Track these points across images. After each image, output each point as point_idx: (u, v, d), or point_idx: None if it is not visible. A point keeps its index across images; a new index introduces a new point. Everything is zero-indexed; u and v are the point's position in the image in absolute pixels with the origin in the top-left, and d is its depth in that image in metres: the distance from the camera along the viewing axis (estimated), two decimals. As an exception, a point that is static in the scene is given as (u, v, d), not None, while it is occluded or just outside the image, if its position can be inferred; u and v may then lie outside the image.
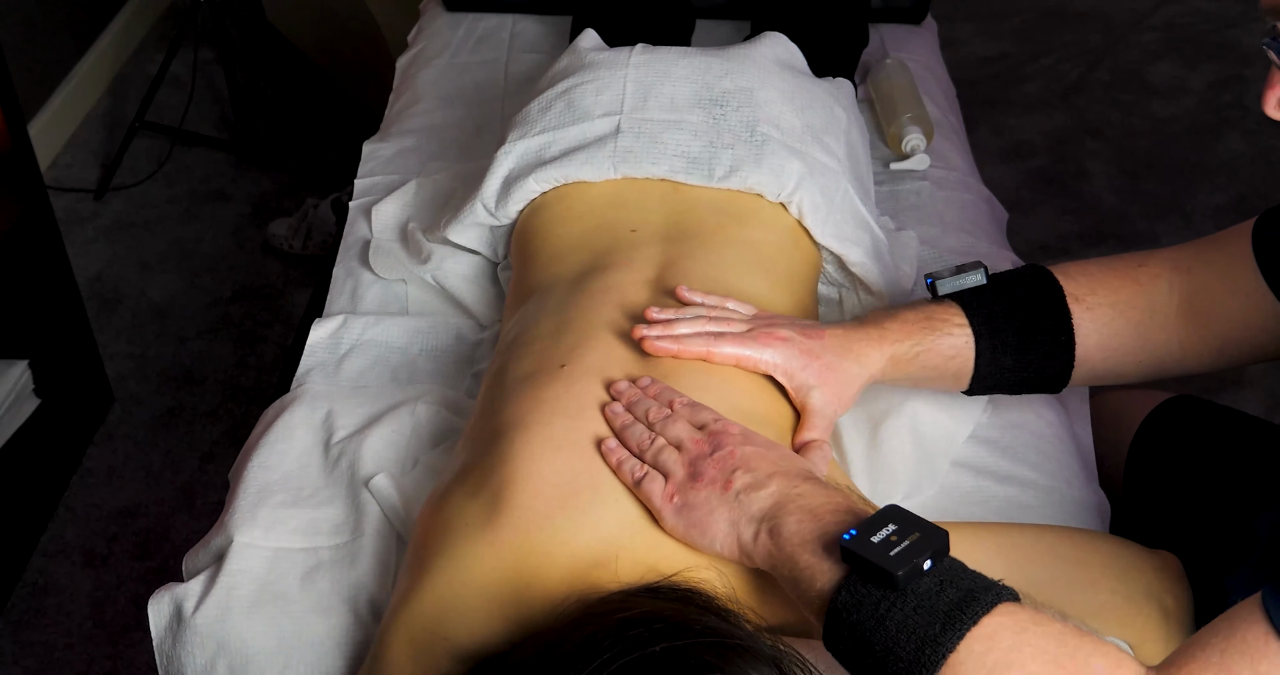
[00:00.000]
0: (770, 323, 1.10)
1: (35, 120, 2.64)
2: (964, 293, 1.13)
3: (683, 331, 1.07)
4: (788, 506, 0.88)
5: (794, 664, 0.80)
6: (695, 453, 0.95)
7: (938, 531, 0.83)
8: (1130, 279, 1.13)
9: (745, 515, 0.90)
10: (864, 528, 0.82)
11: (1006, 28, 3.14)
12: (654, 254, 1.21)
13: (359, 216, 1.54)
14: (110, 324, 2.37)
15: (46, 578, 1.93)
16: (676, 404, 1.00)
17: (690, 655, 0.76)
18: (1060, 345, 1.11)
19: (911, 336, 1.10)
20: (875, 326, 1.11)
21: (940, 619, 0.78)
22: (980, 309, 1.11)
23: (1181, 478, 1.27)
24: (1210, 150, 2.76)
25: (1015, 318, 1.11)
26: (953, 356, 1.10)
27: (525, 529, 0.93)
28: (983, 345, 1.10)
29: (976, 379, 1.12)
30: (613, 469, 0.96)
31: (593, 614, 0.81)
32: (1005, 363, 1.11)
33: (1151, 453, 1.31)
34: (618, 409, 1.00)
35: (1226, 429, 1.29)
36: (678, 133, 1.30)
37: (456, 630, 0.90)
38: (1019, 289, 1.12)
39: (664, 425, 0.97)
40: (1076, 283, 1.12)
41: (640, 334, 1.06)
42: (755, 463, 0.93)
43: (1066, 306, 1.11)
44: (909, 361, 1.10)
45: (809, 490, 0.90)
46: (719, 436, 0.95)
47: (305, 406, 1.24)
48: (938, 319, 1.11)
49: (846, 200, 1.32)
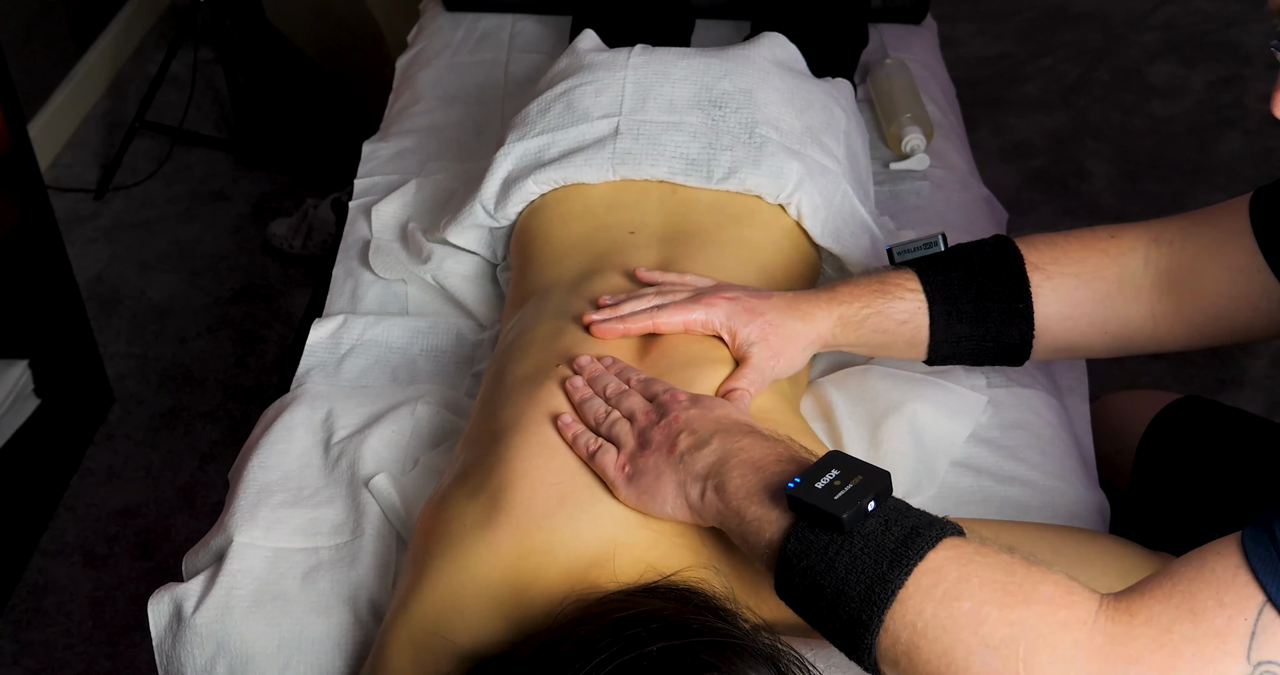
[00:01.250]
0: (717, 286, 1.12)
1: (35, 120, 2.64)
2: (921, 260, 1.12)
3: (628, 309, 1.08)
4: (730, 462, 0.89)
5: (792, 662, 0.80)
6: (644, 422, 0.96)
7: (880, 473, 0.83)
8: (1098, 249, 1.12)
9: (690, 475, 0.90)
10: (807, 475, 0.83)
11: (1006, 28, 3.14)
12: (653, 256, 1.21)
13: (359, 216, 1.54)
14: (110, 324, 2.37)
15: (46, 578, 1.93)
16: (633, 380, 1.01)
17: (688, 654, 0.76)
18: (1017, 313, 1.10)
19: (860, 298, 1.10)
20: (826, 289, 1.12)
21: (887, 557, 0.79)
22: (935, 276, 1.11)
23: (1191, 480, 1.26)
24: (1210, 150, 2.76)
25: (971, 284, 1.10)
26: (905, 321, 1.10)
27: (524, 529, 0.93)
28: (936, 310, 1.10)
29: (933, 347, 1.12)
30: (568, 443, 0.98)
31: (590, 614, 0.81)
32: (961, 330, 1.10)
33: (1160, 455, 1.30)
34: (578, 383, 1.02)
35: (1235, 431, 1.28)
36: (676, 134, 1.30)
37: (456, 631, 0.90)
38: (977, 257, 1.12)
39: (619, 399, 0.99)
40: (1039, 252, 1.11)
41: (588, 318, 1.08)
42: (697, 423, 0.93)
43: (1025, 273, 1.10)
44: (859, 324, 1.10)
45: (750, 443, 0.90)
46: (666, 405, 0.97)
47: (305, 406, 1.24)
48: (890, 283, 1.11)
49: (846, 201, 1.32)
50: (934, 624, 0.77)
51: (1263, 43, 3.06)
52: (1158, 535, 1.25)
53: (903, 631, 0.78)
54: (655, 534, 0.94)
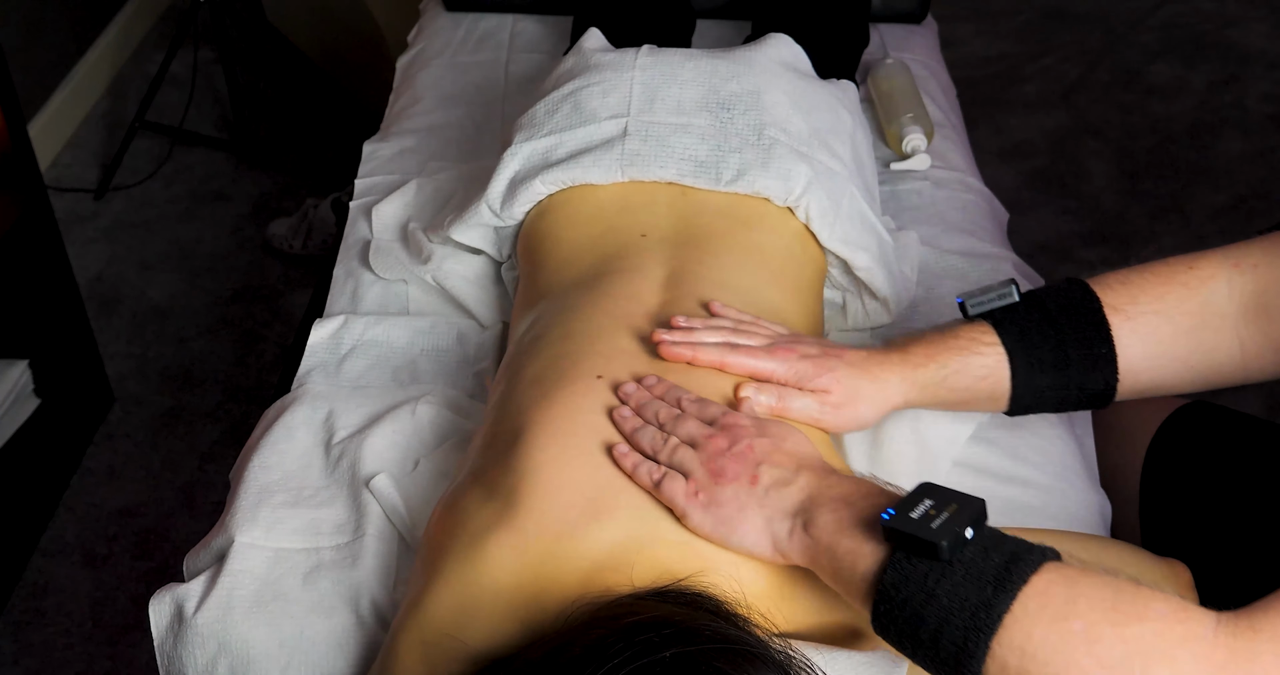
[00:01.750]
0: (794, 339, 1.08)
1: (35, 120, 2.64)
2: (995, 311, 1.09)
3: (702, 338, 1.05)
4: (819, 499, 0.88)
5: (803, 669, 0.80)
6: (712, 449, 0.94)
7: (974, 501, 0.82)
8: (1177, 283, 1.07)
9: (778, 511, 0.89)
10: (901, 505, 0.82)
11: (1006, 28, 3.14)
12: (665, 258, 1.20)
13: (359, 216, 1.54)
14: (110, 324, 2.37)
15: (46, 578, 1.93)
16: (684, 402, 0.99)
17: (700, 661, 0.75)
18: (1100, 358, 1.06)
19: (936, 358, 1.07)
20: (898, 350, 1.08)
21: (990, 582, 0.77)
22: (1011, 326, 1.06)
23: (1202, 485, 1.26)
24: (1210, 150, 2.76)
25: (1049, 333, 1.06)
26: (984, 377, 1.07)
27: (549, 535, 0.92)
28: (1017, 363, 1.06)
29: (1014, 399, 1.08)
30: (628, 474, 0.95)
31: (601, 618, 0.81)
32: (1043, 381, 1.06)
33: (1169, 461, 1.29)
34: (626, 413, 0.99)
35: (1244, 435, 1.27)
36: (685, 136, 1.30)
37: (470, 632, 0.90)
38: (1052, 303, 1.07)
39: (675, 425, 0.97)
40: (1115, 292, 1.07)
41: (658, 337, 1.05)
42: (776, 456, 0.92)
43: (1104, 317, 1.05)
44: (937, 385, 1.07)
45: (837, 481, 0.89)
46: (733, 430, 0.95)
47: (306, 406, 1.24)
48: (965, 338, 1.07)
49: (853, 204, 1.32)
50: (1044, 646, 0.75)
51: (1263, 43, 3.06)
52: (1169, 543, 1.24)
53: (1011, 656, 0.76)
54: (676, 539, 0.93)
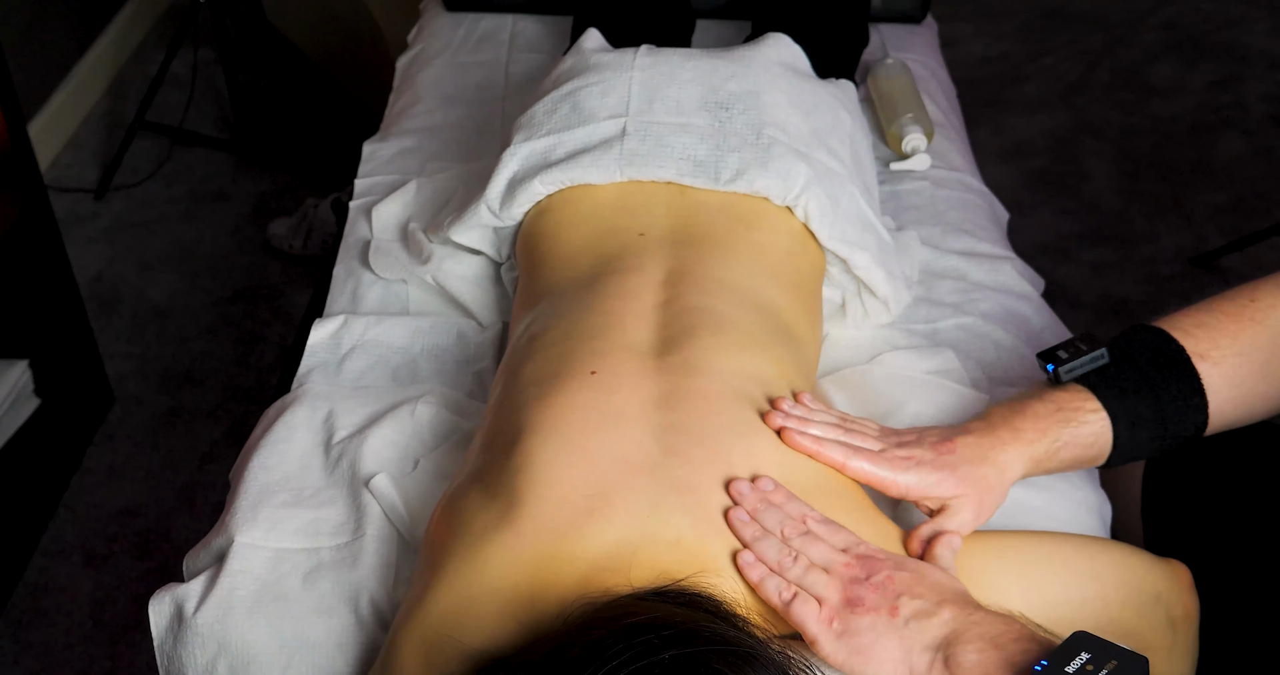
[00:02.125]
0: (901, 441, 1.07)
1: (35, 120, 2.64)
2: (1089, 374, 1.08)
3: (817, 434, 1.04)
4: (965, 635, 0.86)
5: (801, 671, 0.80)
6: (848, 576, 0.91)
7: (1136, 658, 0.79)
8: (1247, 319, 1.08)
9: (919, 644, 0.87)
10: (1055, 657, 0.79)
11: (1006, 28, 3.14)
12: (663, 258, 1.20)
13: (359, 216, 1.54)
14: (110, 324, 2.37)
15: (46, 578, 1.93)
16: (810, 521, 0.96)
17: (700, 662, 0.75)
18: (1194, 407, 1.07)
19: (1048, 433, 1.05)
20: (1007, 428, 1.06)
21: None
22: (1109, 389, 1.06)
23: (1206, 487, 1.26)
24: (1210, 150, 2.76)
25: (1146, 392, 1.06)
26: (1091, 444, 1.06)
27: (549, 536, 0.92)
28: (1120, 426, 1.06)
29: (1114, 458, 1.08)
30: (752, 586, 0.93)
31: (601, 618, 0.81)
32: (1142, 436, 1.07)
33: (1172, 462, 1.29)
34: (743, 517, 0.95)
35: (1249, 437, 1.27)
36: (684, 136, 1.30)
37: (470, 632, 0.89)
38: (1142, 358, 1.08)
39: (803, 544, 0.94)
40: (1196, 339, 1.08)
41: (778, 424, 1.02)
42: (918, 588, 0.90)
43: (1194, 368, 1.07)
44: (1050, 458, 1.06)
45: (984, 618, 0.87)
46: (870, 561, 0.93)
47: (306, 407, 1.24)
48: (1069, 408, 1.06)
49: (852, 203, 1.32)
50: None
51: (1263, 43, 3.06)
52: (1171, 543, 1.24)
53: None
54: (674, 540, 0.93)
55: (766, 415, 1.03)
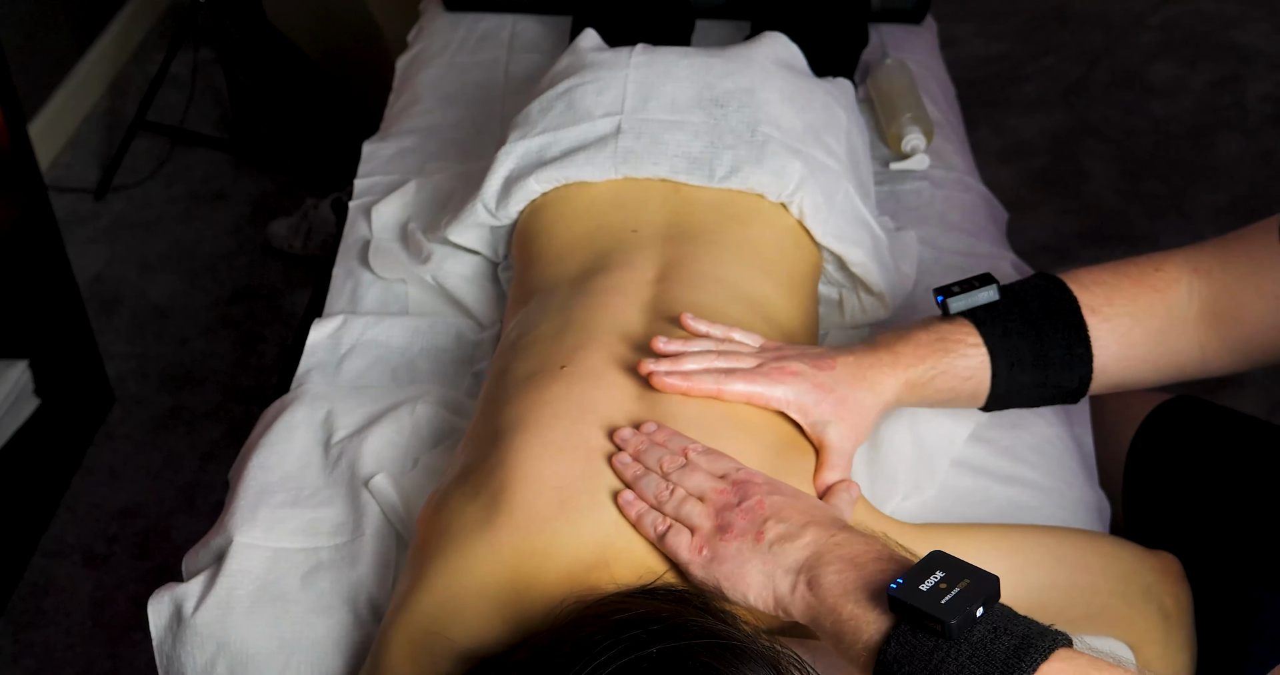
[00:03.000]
0: (780, 355, 1.07)
1: (35, 120, 2.64)
2: (976, 309, 1.09)
3: (690, 367, 1.04)
4: (826, 557, 0.86)
5: (791, 664, 0.80)
6: (720, 503, 0.92)
7: (988, 577, 0.80)
8: (1147, 285, 1.09)
9: (781, 567, 0.87)
10: (911, 575, 0.80)
11: (1006, 28, 3.14)
12: (656, 254, 1.21)
13: (359, 216, 1.54)
14: (110, 324, 2.37)
15: (46, 578, 1.93)
16: (691, 453, 0.97)
17: (688, 656, 0.75)
18: (1077, 358, 1.07)
19: (926, 360, 1.06)
20: (887, 351, 1.07)
21: (998, 667, 0.76)
22: (994, 326, 1.07)
23: (1185, 478, 1.27)
24: (1210, 150, 2.76)
25: (1030, 333, 1.07)
26: (969, 377, 1.07)
27: (524, 531, 0.93)
28: (999, 364, 1.06)
29: (993, 397, 1.09)
30: (632, 523, 0.93)
31: (590, 615, 0.81)
32: (1022, 380, 1.07)
33: (1152, 454, 1.30)
34: (626, 460, 0.97)
35: (1227, 430, 1.28)
36: (679, 133, 1.30)
37: (456, 631, 0.90)
38: (1033, 303, 1.08)
39: (681, 476, 0.95)
40: (1091, 293, 1.09)
41: (648, 370, 1.03)
42: (786, 512, 0.90)
43: (1083, 319, 1.07)
44: (924, 385, 1.07)
45: (846, 539, 0.87)
46: (744, 486, 0.93)
47: (305, 406, 1.24)
48: (951, 340, 1.07)
49: (847, 201, 1.32)
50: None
51: (1263, 43, 3.06)
52: (1152, 533, 1.25)
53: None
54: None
55: (640, 362, 1.04)
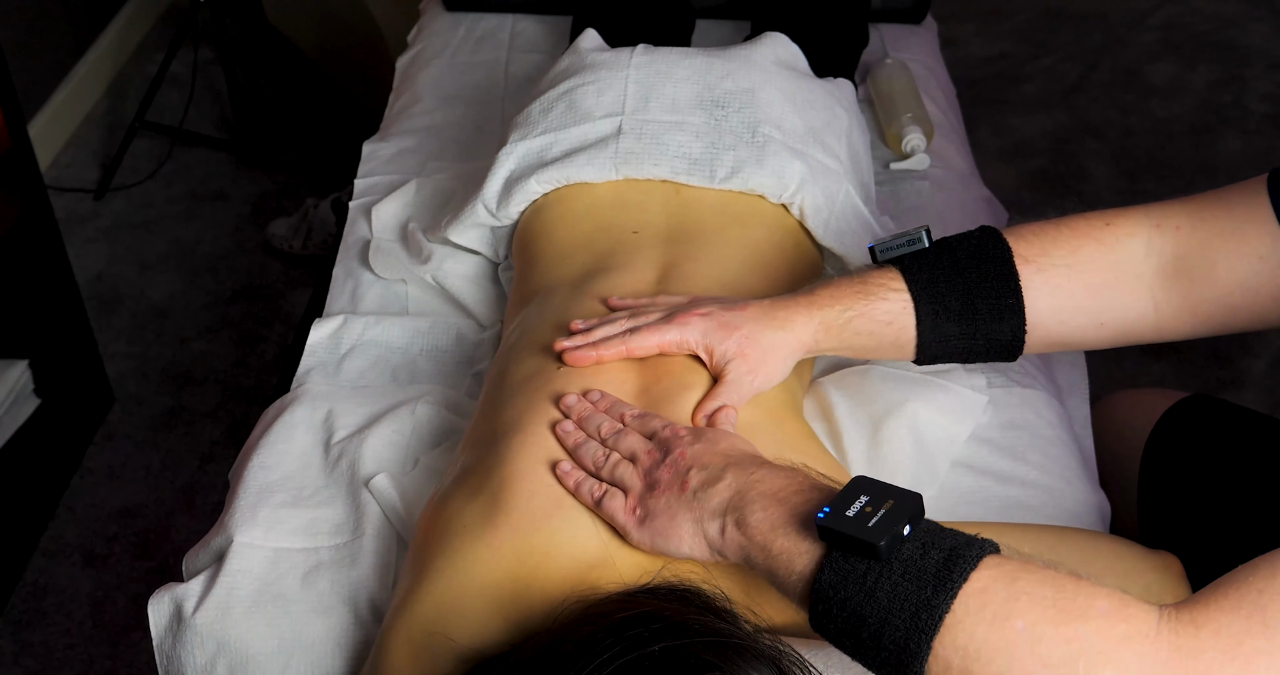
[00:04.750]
0: (692, 303, 1.08)
1: (35, 120, 2.64)
2: (905, 257, 1.07)
3: (600, 335, 1.05)
4: (748, 495, 0.86)
5: (793, 663, 0.80)
6: (649, 462, 0.93)
7: (910, 495, 0.81)
8: (1091, 238, 1.05)
9: (706, 511, 0.87)
10: (836, 503, 0.80)
11: (1006, 28, 3.14)
12: (656, 255, 1.21)
13: (359, 216, 1.54)
14: (110, 324, 2.37)
15: (46, 578, 1.93)
16: (627, 417, 0.98)
17: (689, 655, 0.75)
18: (1007, 308, 1.04)
19: (841, 300, 1.04)
20: (805, 294, 1.06)
21: (930, 582, 0.76)
22: (920, 273, 1.05)
23: (1201, 479, 1.25)
24: (1210, 150, 2.76)
25: (956, 280, 1.04)
26: (889, 322, 1.05)
27: (523, 531, 0.93)
28: (923, 310, 1.04)
29: (921, 347, 1.06)
30: (571, 492, 0.94)
31: (592, 614, 0.81)
32: (949, 329, 1.05)
33: (1168, 454, 1.29)
34: (568, 427, 0.98)
35: (1244, 430, 1.27)
36: (679, 134, 1.30)
37: (457, 631, 0.90)
38: (962, 251, 1.05)
39: (616, 440, 0.96)
40: (1027, 243, 1.06)
41: (560, 346, 1.04)
42: (706, 458, 0.91)
43: (1013, 267, 1.04)
44: (841, 328, 1.05)
45: (765, 474, 0.88)
46: (668, 441, 0.93)
47: (305, 406, 1.24)
48: (873, 284, 1.05)
49: (848, 201, 1.32)
50: (986, 647, 0.74)
51: (1263, 43, 3.06)
52: (1165, 535, 1.25)
53: (954, 657, 0.75)
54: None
55: (555, 342, 1.05)
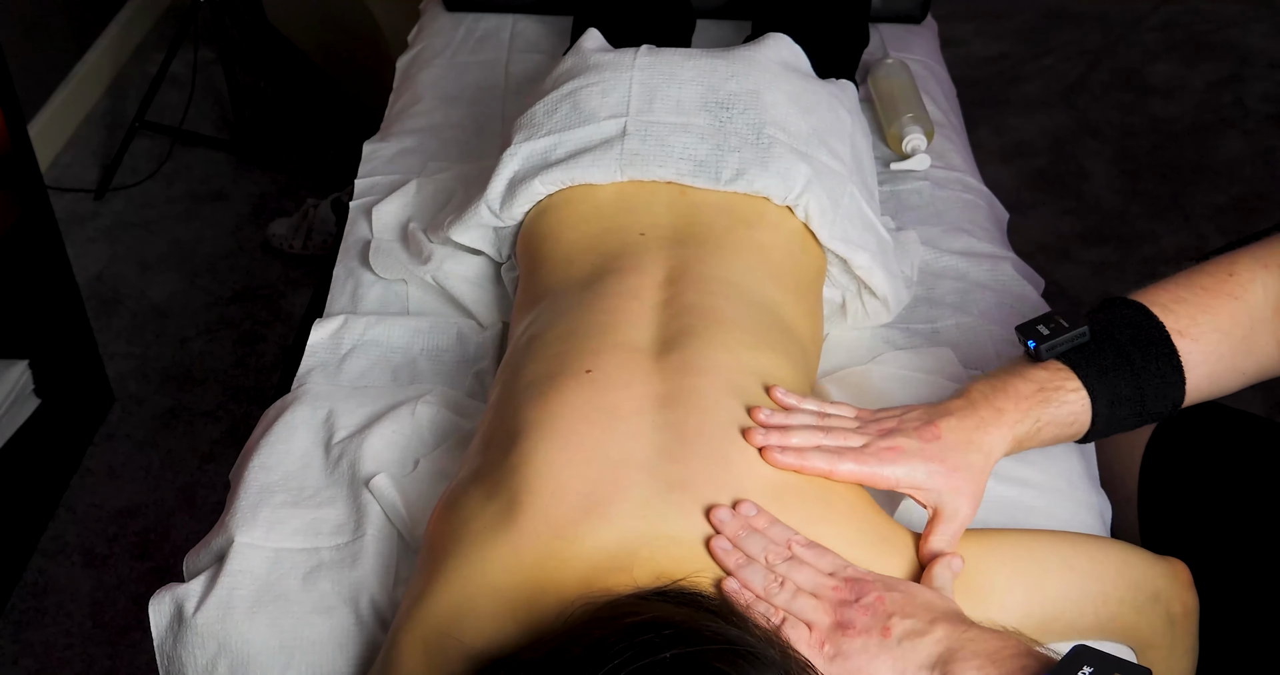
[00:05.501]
0: (883, 430, 1.05)
1: (35, 120, 2.64)
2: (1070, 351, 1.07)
3: (798, 443, 1.02)
4: (960, 652, 0.84)
5: (803, 671, 0.80)
6: (836, 599, 0.90)
7: (1139, 670, 0.78)
8: (1226, 294, 1.07)
9: (913, 663, 0.85)
10: (1057, 672, 0.78)
11: (1006, 28, 3.14)
12: (664, 257, 1.20)
13: (359, 216, 1.54)
14: (110, 324, 2.37)
15: (46, 578, 1.93)
16: (794, 545, 0.95)
17: (701, 661, 0.75)
18: (1171, 386, 1.06)
19: (1030, 413, 1.04)
20: (990, 408, 1.04)
21: None
22: (1090, 367, 1.05)
23: (1202, 483, 1.26)
24: (1210, 150, 2.76)
25: (1125, 370, 1.05)
26: (1071, 423, 1.05)
27: (546, 535, 0.92)
28: (1099, 405, 1.05)
29: (1091, 434, 1.07)
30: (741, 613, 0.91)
31: (602, 618, 0.81)
32: (1120, 413, 1.06)
33: (1168, 459, 1.29)
34: (726, 546, 0.94)
35: (1245, 434, 1.27)
36: (684, 135, 1.29)
37: (470, 632, 0.90)
38: (1122, 335, 1.06)
39: (789, 569, 0.92)
40: (1175, 315, 1.07)
41: (759, 443, 1.01)
42: (909, 608, 0.89)
43: (1174, 346, 1.05)
44: (1031, 438, 1.05)
45: (979, 635, 0.86)
46: (858, 584, 0.91)
47: (306, 407, 1.24)
48: (1050, 388, 1.05)
49: (853, 203, 1.32)
50: None
51: (1263, 43, 3.06)
52: (1165, 538, 1.25)
53: None
54: (679, 548, 0.92)
55: (747, 433, 1.01)
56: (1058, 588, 1.00)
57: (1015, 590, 0.98)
